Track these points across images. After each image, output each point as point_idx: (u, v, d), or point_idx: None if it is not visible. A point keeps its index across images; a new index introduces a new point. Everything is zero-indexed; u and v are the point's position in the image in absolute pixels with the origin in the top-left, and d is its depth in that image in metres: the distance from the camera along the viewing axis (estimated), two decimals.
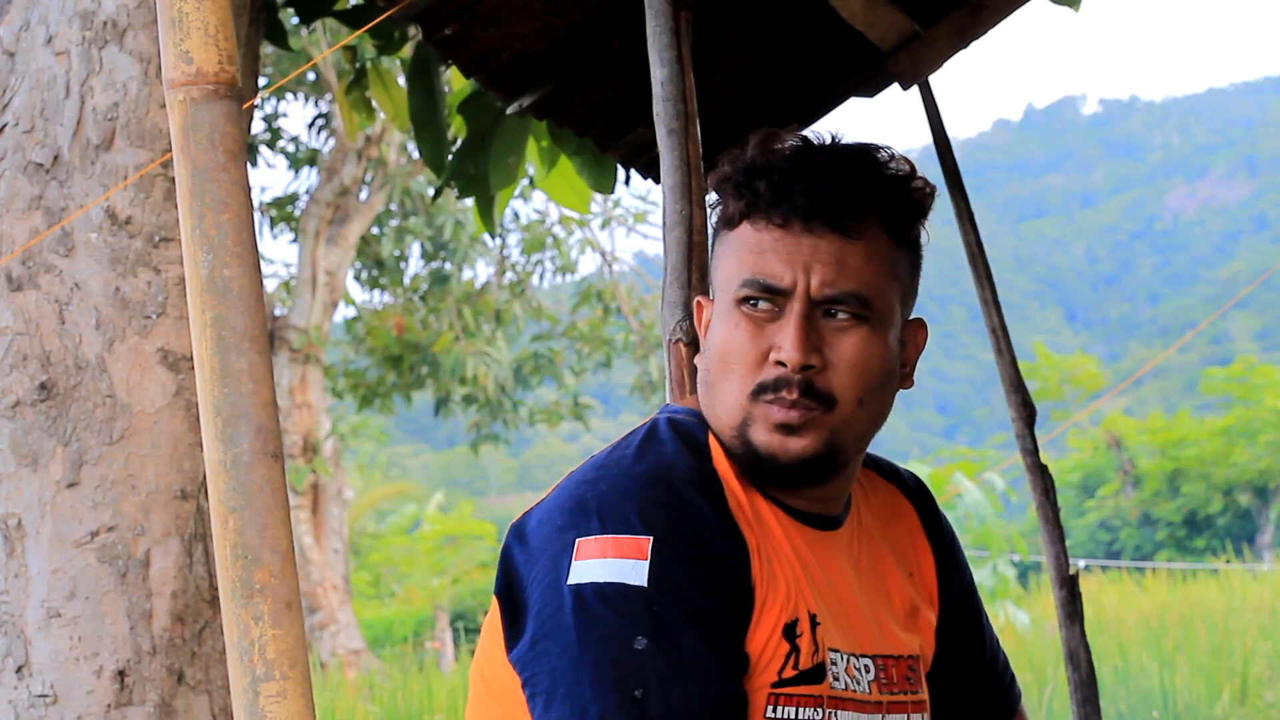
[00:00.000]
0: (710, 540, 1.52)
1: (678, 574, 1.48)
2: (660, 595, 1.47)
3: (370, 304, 17.75)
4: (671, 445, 1.57)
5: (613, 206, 16.84)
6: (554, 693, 1.47)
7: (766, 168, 1.60)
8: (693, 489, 1.54)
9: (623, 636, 1.45)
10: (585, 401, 18.23)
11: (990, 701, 1.86)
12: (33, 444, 2.93)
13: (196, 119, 1.26)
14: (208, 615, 2.98)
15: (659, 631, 1.46)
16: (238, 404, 1.24)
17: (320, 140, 15.67)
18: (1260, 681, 9.25)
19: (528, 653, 1.50)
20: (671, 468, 1.55)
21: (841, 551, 1.67)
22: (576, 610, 1.47)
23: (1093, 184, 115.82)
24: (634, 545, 1.48)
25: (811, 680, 1.57)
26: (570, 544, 1.50)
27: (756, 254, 1.58)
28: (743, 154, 1.62)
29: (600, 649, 1.45)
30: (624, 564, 1.47)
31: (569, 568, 1.49)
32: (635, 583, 1.47)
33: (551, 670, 1.48)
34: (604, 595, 1.47)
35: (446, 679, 11.62)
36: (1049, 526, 3.54)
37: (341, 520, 16.83)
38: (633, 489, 1.52)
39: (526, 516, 1.58)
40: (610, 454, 1.59)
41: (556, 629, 1.48)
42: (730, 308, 1.60)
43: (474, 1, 3.03)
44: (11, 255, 2.94)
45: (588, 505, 1.52)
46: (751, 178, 1.60)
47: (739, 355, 1.58)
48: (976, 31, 3.62)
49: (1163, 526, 26.91)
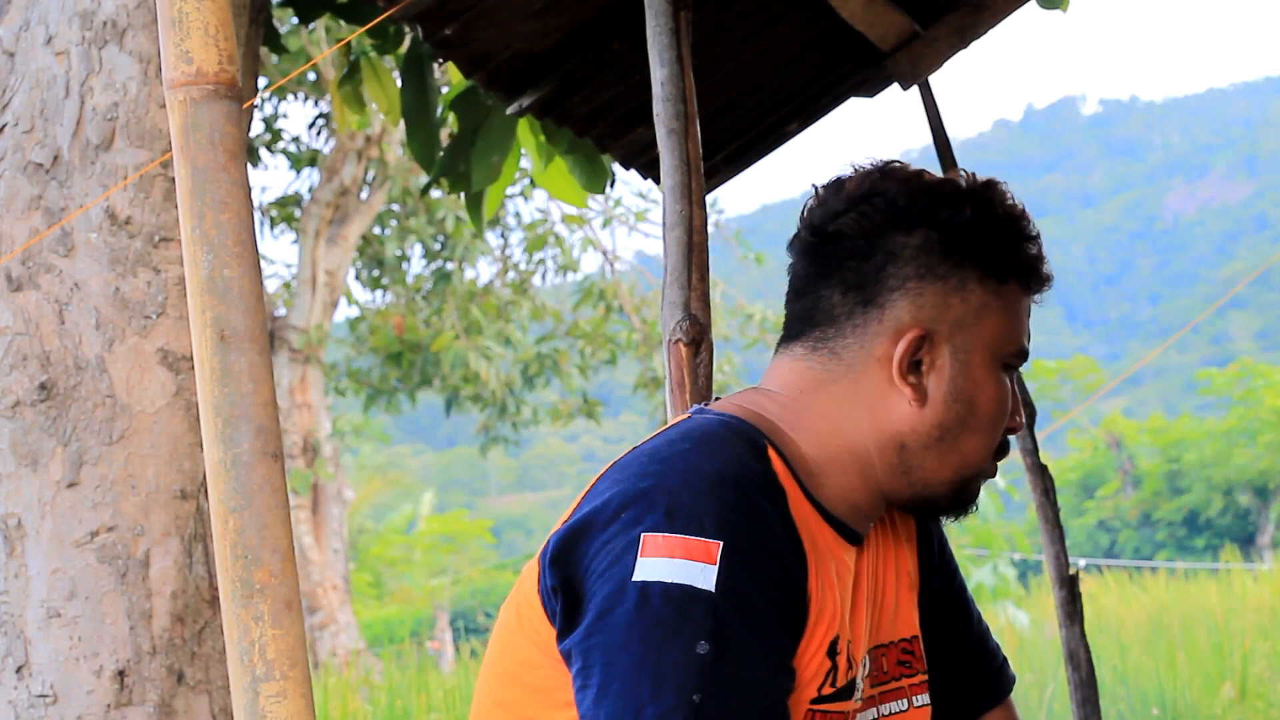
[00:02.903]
0: (777, 552, 1.51)
1: (744, 583, 1.47)
2: (725, 603, 1.45)
3: (373, 304, 17.76)
4: (736, 447, 1.55)
5: (613, 205, 16.84)
6: (607, 687, 1.45)
7: (1028, 230, 1.66)
8: (762, 496, 1.52)
9: (685, 639, 1.44)
10: (594, 400, 18.23)
11: (979, 679, 1.84)
12: (33, 444, 2.93)
13: (196, 119, 1.26)
14: (208, 615, 2.98)
15: (721, 639, 1.45)
16: (238, 404, 1.24)
17: (321, 140, 15.67)
18: (1260, 681, 9.25)
19: (583, 642, 1.48)
20: (742, 471, 1.53)
21: (864, 561, 1.67)
22: (640, 607, 1.45)
23: (1093, 184, 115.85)
24: (704, 549, 1.46)
25: (844, 697, 1.58)
26: (637, 539, 1.47)
27: (1021, 320, 1.66)
28: (1007, 205, 1.65)
29: (662, 650, 1.44)
30: (693, 566, 1.46)
31: (635, 563, 1.46)
32: (703, 586, 1.45)
33: (607, 665, 1.46)
34: (669, 596, 1.45)
35: (446, 679, 11.62)
36: (1049, 526, 3.54)
37: (341, 520, 16.83)
38: (704, 489, 1.49)
39: (574, 519, 1.55)
40: (667, 447, 1.56)
41: (616, 623, 1.46)
42: (997, 367, 1.64)
43: (474, 1, 3.03)
44: (11, 255, 2.94)
45: (655, 500, 1.49)
46: (1027, 241, 1.66)
47: (1003, 415, 1.65)
48: (976, 31, 3.62)
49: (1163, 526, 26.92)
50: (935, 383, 1.62)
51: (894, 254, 1.62)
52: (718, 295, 16.19)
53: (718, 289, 16.45)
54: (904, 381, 1.61)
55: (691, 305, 2.60)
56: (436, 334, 16.47)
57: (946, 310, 1.61)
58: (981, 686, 1.85)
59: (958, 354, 1.62)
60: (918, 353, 1.61)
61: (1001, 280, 1.63)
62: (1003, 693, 1.86)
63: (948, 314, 1.61)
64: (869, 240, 1.62)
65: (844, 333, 1.63)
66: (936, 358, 1.62)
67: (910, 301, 1.61)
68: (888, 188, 1.63)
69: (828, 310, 1.64)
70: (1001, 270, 1.63)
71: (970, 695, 1.84)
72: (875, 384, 1.62)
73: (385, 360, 16.87)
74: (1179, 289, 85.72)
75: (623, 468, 1.56)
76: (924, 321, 1.61)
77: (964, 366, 1.62)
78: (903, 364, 1.61)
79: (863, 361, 1.63)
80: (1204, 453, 26.43)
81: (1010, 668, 1.89)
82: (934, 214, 1.62)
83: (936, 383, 1.62)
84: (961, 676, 1.82)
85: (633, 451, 1.59)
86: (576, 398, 17.89)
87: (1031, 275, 1.65)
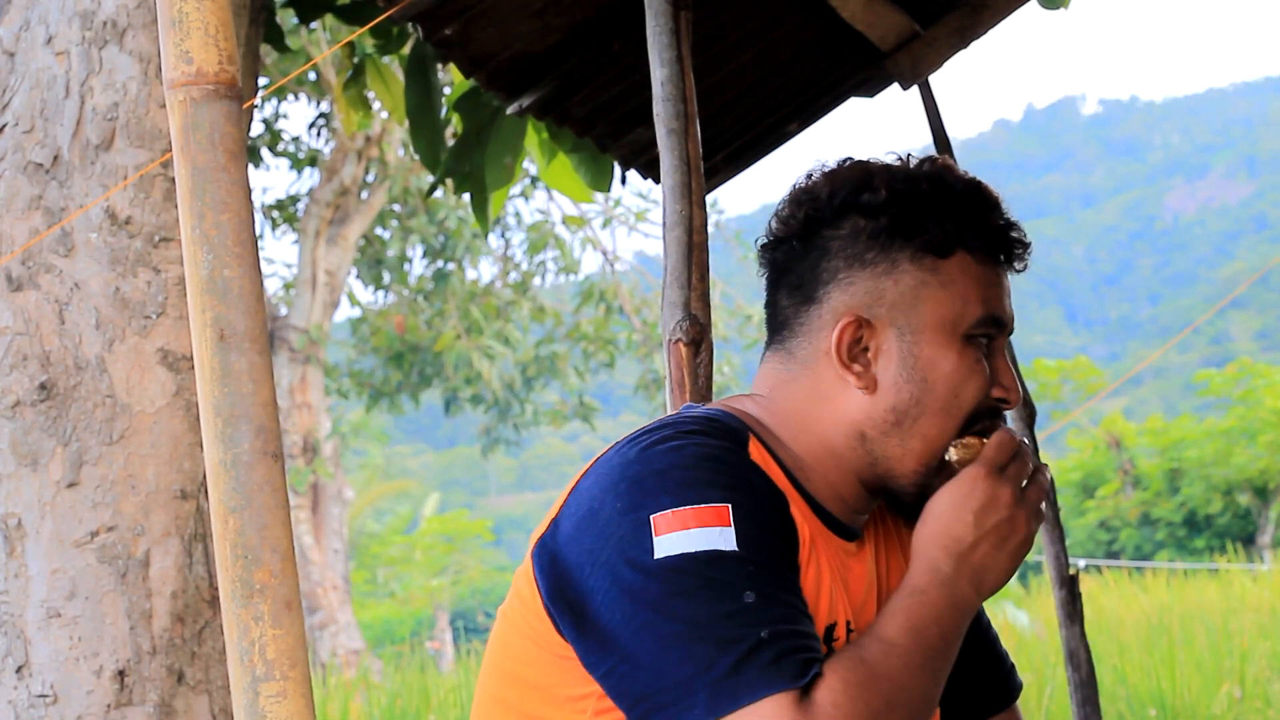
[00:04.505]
0: (776, 508, 1.54)
1: (760, 536, 1.49)
2: (754, 556, 1.47)
3: (375, 304, 17.76)
4: (717, 435, 1.57)
5: (613, 205, 16.84)
6: (664, 660, 1.44)
7: (980, 200, 1.64)
8: (747, 469, 1.55)
9: (733, 594, 1.45)
10: (590, 402, 18.24)
11: (986, 684, 1.84)
12: (33, 444, 2.93)
13: (196, 119, 1.26)
14: (208, 615, 2.98)
15: (761, 585, 1.46)
16: (238, 404, 1.24)
17: (321, 141, 15.67)
18: (1259, 681, 9.24)
19: (616, 635, 1.47)
20: (723, 452, 1.54)
21: (859, 560, 1.67)
22: (674, 581, 1.45)
23: (1093, 184, 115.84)
24: (715, 514, 1.48)
25: None
26: (644, 522, 1.48)
27: (978, 289, 1.62)
28: (944, 181, 1.64)
29: (712, 609, 1.44)
30: (711, 532, 1.47)
31: (651, 546, 1.47)
32: (727, 548, 1.46)
33: (656, 640, 1.45)
34: (700, 562, 1.45)
35: (446, 679, 11.62)
36: (1049, 526, 3.54)
37: (341, 520, 16.84)
38: (693, 464, 1.51)
39: (563, 519, 1.55)
40: (647, 436, 1.56)
41: (651, 603, 1.45)
42: (954, 342, 1.62)
43: (474, 1, 3.03)
44: (11, 255, 2.94)
45: (646, 485, 1.50)
46: (974, 211, 1.63)
47: (968, 392, 1.62)
48: (976, 31, 3.62)
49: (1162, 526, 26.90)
50: (884, 367, 1.62)
51: (824, 249, 1.64)
52: (716, 296, 16.21)
53: (716, 289, 16.47)
54: (848, 370, 1.62)
55: (691, 305, 2.61)
56: (438, 335, 16.48)
57: (880, 295, 1.62)
58: (989, 691, 1.84)
59: (903, 335, 1.62)
60: (858, 341, 1.62)
61: (941, 255, 1.62)
62: (1010, 698, 1.86)
63: (882, 298, 1.62)
64: (803, 240, 1.65)
65: (795, 333, 1.66)
66: (881, 342, 1.62)
67: (842, 290, 1.63)
68: (818, 184, 1.66)
69: (782, 314, 1.68)
70: (941, 245, 1.62)
71: (977, 700, 1.83)
72: (828, 378, 1.64)
73: (387, 361, 16.88)
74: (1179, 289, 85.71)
75: (605, 463, 1.57)
76: (858, 308, 1.62)
77: (912, 346, 1.62)
78: (841, 352, 1.62)
79: (813, 358, 1.65)
80: (1204, 453, 26.42)
81: (1017, 674, 1.88)
82: (856, 200, 1.63)
83: (884, 367, 1.62)
84: (969, 681, 1.82)
85: (613, 448, 1.60)
86: (575, 399, 17.91)
87: (984, 243, 1.63)
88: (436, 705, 9.98)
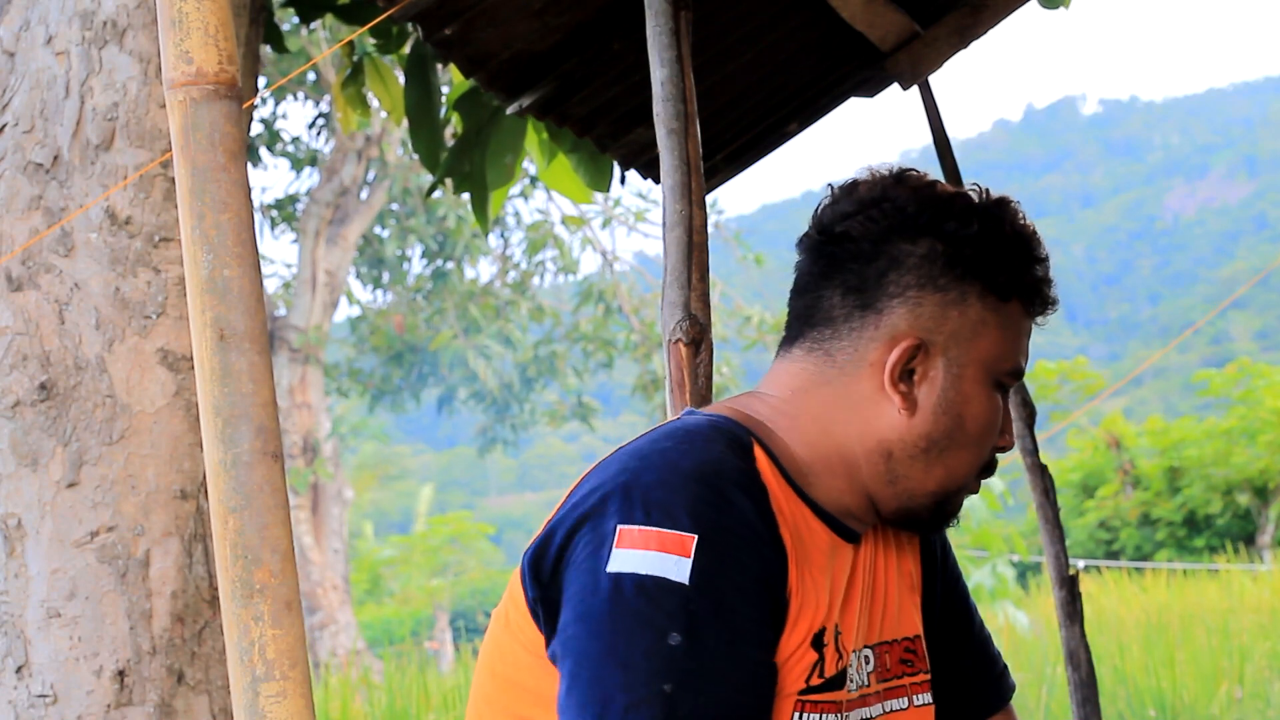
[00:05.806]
0: (753, 544, 1.51)
1: (718, 576, 1.47)
2: (699, 596, 1.46)
3: (374, 304, 17.77)
4: (718, 445, 1.56)
5: (613, 205, 16.84)
6: (578, 675, 1.46)
7: (1037, 251, 1.66)
8: (739, 491, 1.53)
9: (657, 630, 1.44)
10: (589, 402, 18.24)
11: (980, 685, 1.84)
12: (33, 444, 2.93)
13: (196, 119, 1.26)
14: (208, 615, 2.98)
15: (693, 632, 1.45)
16: (238, 404, 1.24)
17: (320, 140, 15.68)
18: (1259, 681, 9.25)
19: (560, 635, 1.49)
20: (719, 466, 1.53)
21: (861, 557, 1.67)
22: (613, 598, 1.46)
23: (1093, 184, 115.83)
24: (678, 541, 1.47)
25: (834, 687, 1.58)
26: (612, 531, 1.48)
27: (1019, 340, 1.66)
28: (1017, 224, 1.66)
29: (632, 640, 1.44)
30: (666, 559, 1.46)
31: (609, 555, 1.47)
32: (676, 579, 1.46)
33: (579, 653, 1.46)
34: (643, 587, 1.45)
35: (445, 679, 11.62)
36: (1049, 527, 3.54)
37: (341, 520, 16.84)
38: (680, 484, 1.50)
39: (557, 521, 1.56)
40: (649, 445, 1.56)
41: (589, 613, 1.47)
42: (989, 384, 1.64)
43: (474, 1, 3.03)
44: (11, 255, 2.94)
45: (631, 494, 1.50)
46: (1035, 263, 1.66)
47: (992, 432, 1.65)
48: (976, 31, 3.62)
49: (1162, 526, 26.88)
50: (926, 393, 1.62)
51: (897, 261, 1.62)
52: (716, 296, 16.20)
53: (716, 290, 16.46)
54: (895, 389, 1.61)
55: (691, 305, 2.60)
56: (437, 334, 16.50)
57: (944, 322, 1.62)
58: (982, 692, 1.85)
59: (951, 367, 1.62)
60: (911, 361, 1.62)
61: (1003, 298, 1.63)
62: (1003, 699, 1.87)
63: (945, 326, 1.62)
64: (874, 244, 1.62)
65: (840, 335, 1.64)
66: (930, 369, 1.62)
67: (909, 310, 1.61)
68: (899, 194, 1.64)
69: (827, 311, 1.64)
70: (1005, 288, 1.63)
71: (971, 701, 1.84)
72: (866, 389, 1.63)
73: (387, 360, 16.89)
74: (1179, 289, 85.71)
75: (604, 466, 1.57)
76: (920, 331, 1.61)
77: (956, 380, 1.62)
78: (895, 372, 1.61)
79: (855, 365, 1.63)
80: (1204, 453, 26.41)
81: (1010, 675, 1.89)
82: (941, 225, 1.62)
83: (927, 393, 1.62)
84: (962, 682, 1.83)
85: (617, 451, 1.60)
86: (574, 399, 17.92)
87: (1035, 296, 1.66)
88: (436, 705, 9.98)
